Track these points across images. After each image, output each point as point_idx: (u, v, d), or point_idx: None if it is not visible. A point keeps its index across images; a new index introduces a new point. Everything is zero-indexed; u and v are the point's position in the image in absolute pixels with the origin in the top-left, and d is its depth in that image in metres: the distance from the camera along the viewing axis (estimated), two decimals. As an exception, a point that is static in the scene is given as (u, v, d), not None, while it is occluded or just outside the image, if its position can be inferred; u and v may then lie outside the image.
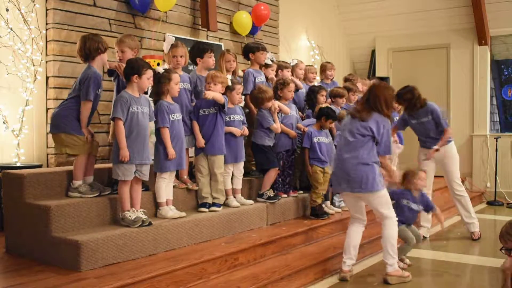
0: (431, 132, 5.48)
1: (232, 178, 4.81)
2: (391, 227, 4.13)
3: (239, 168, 4.84)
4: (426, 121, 5.48)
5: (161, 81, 4.14)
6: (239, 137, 4.80)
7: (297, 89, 5.73)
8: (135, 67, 3.86)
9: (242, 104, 5.23)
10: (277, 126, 5.04)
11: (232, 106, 4.77)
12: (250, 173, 5.29)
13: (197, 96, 4.78)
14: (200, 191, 4.55)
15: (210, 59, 4.83)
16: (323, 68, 6.70)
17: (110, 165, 3.99)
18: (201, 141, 4.55)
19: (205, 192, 4.55)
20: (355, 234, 4.25)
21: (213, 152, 4.55)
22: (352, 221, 4.32)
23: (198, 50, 4.82)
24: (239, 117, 4.82)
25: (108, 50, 4.15)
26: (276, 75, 5.70)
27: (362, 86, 6.95)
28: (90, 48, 4.00)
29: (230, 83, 4.71)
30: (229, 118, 4.75)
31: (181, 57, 4.54)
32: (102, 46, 4.04)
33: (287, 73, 5.82)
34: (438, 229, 6.11)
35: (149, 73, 3.91)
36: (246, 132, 4.92)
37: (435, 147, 5.44)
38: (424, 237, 5.63)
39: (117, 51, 4.34)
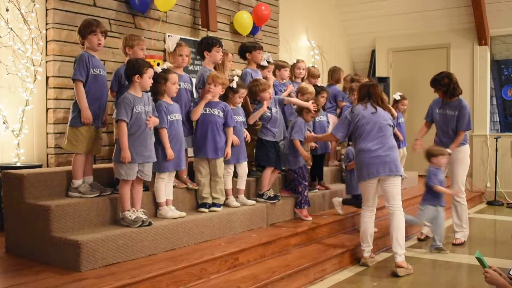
0: (450, 130, 5.26)
1: (233, 178, 4.82)
2: (401, 218, 4.47)
3: (243, 168, 4.84)
4: (451, 115, 5.25)
5: (157, 81, 4.13)
6: (240, 138, 4.80)
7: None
8: (135, 67, 3.86)
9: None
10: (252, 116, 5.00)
11: (233, 107, 4.77)
12: (251, 173, 5.29)
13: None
14: (200, 192, 4.55)
15: (218, 54, 4.83)
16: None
17: (110, 165, 3.99)
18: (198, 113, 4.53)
19: (205, 193, 4.54)
20: (370, 223, 4.61)
21: (216, 156, 4.55)
22: (365, 210, 4.62)
23: (206, 44, 4.83)
24: (241, 118, 4.83)
25: (103, 43, 4.08)
26: (274, 75, 5.71)
27: None
28: (79, 33, 4.03)
29: (235, 85, 4.70)
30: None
31: (186, 56, 4.54)
32: (88, 30, 3.97)
33: (284, 73, 5.82)
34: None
35: (150, 72, 3.92)
36: (248, 138, 4.93)
37: (449, 150, 5.15)
38: (428, 237, 5.61)
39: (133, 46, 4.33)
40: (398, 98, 6.95)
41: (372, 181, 4.49)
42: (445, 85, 5.23)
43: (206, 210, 4.44)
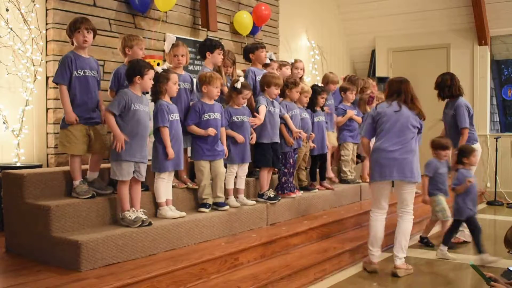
0: (450, 128, 5.39)
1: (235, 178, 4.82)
2: (410, 223, 4.37)
3: (243, 168, 4.85)
4: (449, 115, 5.40)
5: (159, 81, 4.14)
6: (247, 137, 4.80)
7: None
8: (136, 68, 3.87)
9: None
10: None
11: (239, 108, 4.77)
12: (253, 173, 5.28)
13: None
14: (201, 192, 4.53)
15: (219, 56, 4.87)
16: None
17: (110, 165, 3.99)
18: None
19: (206, 193, 4.52)
20: (381, 225, 4.41)
21: (220, 157, 4.56)
22: (376, 212, 4.42)
23: (210, 45, 4.85)
24: (246, 118, 4.81)
25: (90, 40, 4.05)
26: None
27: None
28: (66, 32, 4.04)
29: (239, 86, 4.70)
30: (237, 118, 4.74)
31: (182, 56, 4.54)
32: (72, 27, 3.97)
33: (286, 71, 5.83)
34: (438, 229, 6.12)
35: (151, 73, 3.92)
36: (254, 140, 4.93)
37: (456, 151, 5.15)
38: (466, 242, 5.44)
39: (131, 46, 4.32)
40: None
41: (384, 182, 4.32)
42: (437, 84, 5.38)
43: (207, 210, 4.44)
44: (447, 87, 5.34)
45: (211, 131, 4.42)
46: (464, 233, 5.50)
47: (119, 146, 3.77)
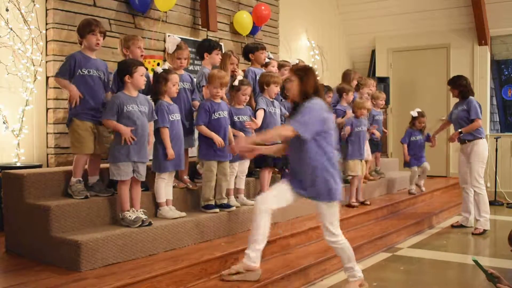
0: (458, 124, 5.80)
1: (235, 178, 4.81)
2: None
3: (243, 167, 4.84)
4: (460, 110, 5.82)
5: (158, 81, 4.14)
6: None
7: None
8: (125, 68, 3.88)
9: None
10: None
11: (241, 107, 4.77)
12: (253, 173, 5.28)
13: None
14: (208, 193, 4.48)
15: (217, 57, 4.90)
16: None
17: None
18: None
19: (212, 195, 4.49)
20: None
21: (230, 157, 4.55)
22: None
23: (209, 46, 4.88)
24: (249, 118, 4.79)
25: (101, 43, 4.08)
26: None
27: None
28: (77, 32, 4.05)
29: (237, 83, 4.69)
30: (238, 118, 4.73)
31: (185, 59, 4.55)
32: (87, 29, 3.98)
33: (285, 72, 5.81)
34: (438, 229, 6.12)
35: (141, 70, 3.90)
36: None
37: (459, 130, 5.71)
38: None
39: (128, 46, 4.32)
40: (415, 115, 6.66)
41: None
42: (461, 85, 5.86)
43: (218, 210, 4.43)
44: (463, 86, 5.83)
45: (220, 143, 4.37)
46: (480, 223, 5.67)
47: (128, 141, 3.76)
